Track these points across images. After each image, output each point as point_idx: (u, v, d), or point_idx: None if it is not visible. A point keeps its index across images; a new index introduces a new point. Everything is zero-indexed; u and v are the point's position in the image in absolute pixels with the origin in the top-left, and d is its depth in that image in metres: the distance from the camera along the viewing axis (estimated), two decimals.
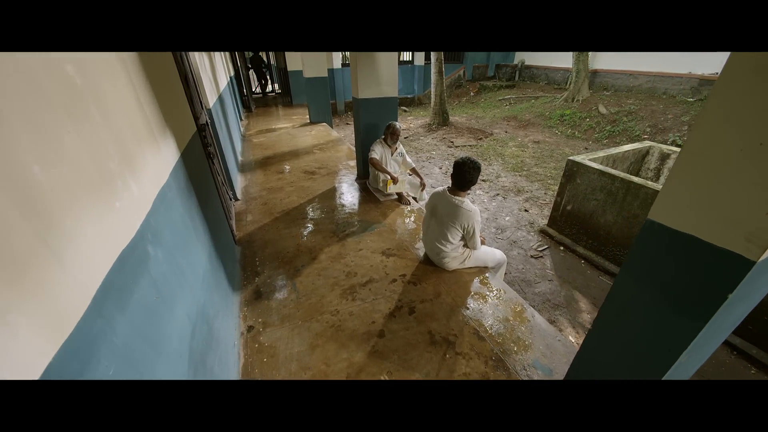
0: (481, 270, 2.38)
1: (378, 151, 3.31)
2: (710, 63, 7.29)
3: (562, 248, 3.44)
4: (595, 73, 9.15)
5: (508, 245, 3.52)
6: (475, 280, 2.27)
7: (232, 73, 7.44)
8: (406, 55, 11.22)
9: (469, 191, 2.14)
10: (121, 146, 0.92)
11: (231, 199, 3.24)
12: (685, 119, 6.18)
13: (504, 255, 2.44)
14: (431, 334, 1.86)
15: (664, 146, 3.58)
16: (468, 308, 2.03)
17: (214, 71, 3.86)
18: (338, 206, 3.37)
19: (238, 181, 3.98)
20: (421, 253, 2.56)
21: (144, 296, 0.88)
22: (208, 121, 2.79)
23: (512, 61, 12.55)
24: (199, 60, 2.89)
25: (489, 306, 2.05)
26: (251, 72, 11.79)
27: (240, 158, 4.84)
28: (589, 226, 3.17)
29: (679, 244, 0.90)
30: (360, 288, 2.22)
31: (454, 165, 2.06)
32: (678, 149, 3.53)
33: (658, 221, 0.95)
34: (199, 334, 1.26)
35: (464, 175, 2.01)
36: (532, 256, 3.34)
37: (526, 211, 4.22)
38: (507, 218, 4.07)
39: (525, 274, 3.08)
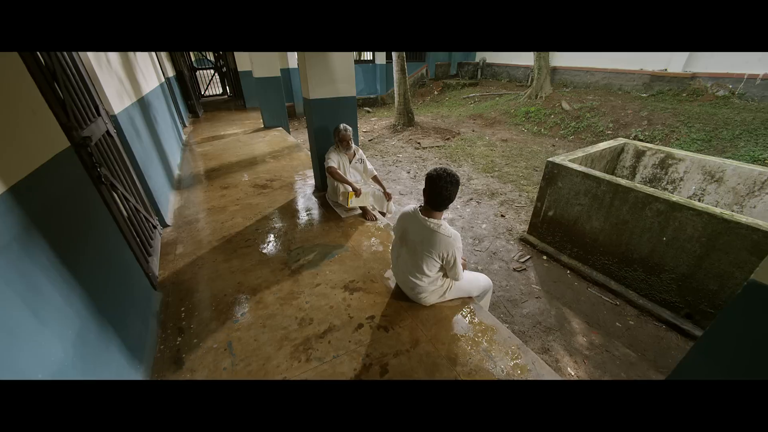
0: (465, 301, 1.98)
1: (334, 159, 2.83)
2: (659, 60, 7.57)
3: (545, 258, 3.16)
4: (554, 70, 9.26)
5: (487, 258, 3.18)
6: (458, 317, 1.87)
7: (171, 74, 6.60)
8: (367, 53, 10.78)
9: (447, 210, 1.72)
10: None
11: (155, 228, 2.61)
12: (644, 114, 6.28)
13: (489, 280, 2.06)
14: None
15: (638, 143, 3.42)
16: (454, 359, 1.62)
17: (130, 69, 3.17)
18: (292, 227, 2.84)
19: (171, 201, 3.32)
20: (392, 283, 2.13)
21: None
22: (112, 131, 2.17)
23: (474, 59, 12.54)
24: (96, 54, 2.24)
25: (479, 353, 1.65)
26: (201, 73, 10.79)
27: (177, 172, 4.14)
28: (573, 233, 2.90)
29: None
30: (317, 341, 1.73)
31: (426, 179, 1.63)
32: (651, 145, 3.38)
33: None
34: None
35: (440, 191, 1.59)
36: (515, 269, 3.02)
37: (502, 216, 3.93)
38: (483, 226, 3.75)
39: (510, 293, 2.74)
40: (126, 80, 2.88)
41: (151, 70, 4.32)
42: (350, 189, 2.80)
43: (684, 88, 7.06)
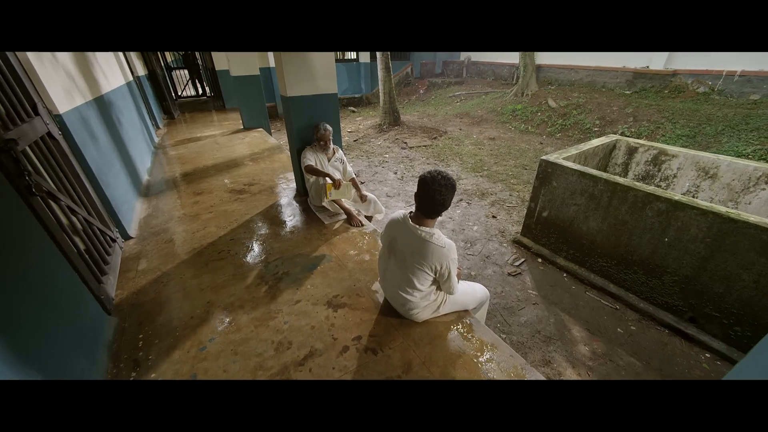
0: (460, 315, 1.80)
1: (311, 158, 2.65)
2: (641, 58, 7.63)
3: (540, 260, 3.02)
4: (539, 68, 9.25)
5: (480, 262, 3.02)
6: (454, 334, 1.68)
7: (143, 73, 6.21)
8: (351, 52, 10.55)
9: (440, 217, 1.54)
10: None
11: (114, 242, 2.33)
12: (629, 110, 6.28)
13: (486, 290, 1.89)
14: None
15: (631, 140, 3.33)
16: None
17: (85, 64, 2.87)
18: (270, 236, 2.61)
19: (136, 210, 3.02)
20: (381, 297, 1.93)
21: None
22: (55, 133, 1.89)
23: (459, 57, 12.48)
24: None
25: (479, 376, 1.47)
26: (178, 73, 10.32)
27: (146, 177, 3.83)
28: (569, 234, 2.77)
29: None
30: (295, 369, 1.52)
31: (419, 182, 1.44)
32: (644, 141, 3.30)
33: None
34: None
35: (433, 196, 1.40)
36: (509, 274, 2.87)
37: (494, 217, 3.79)
38: (475, 228, 3.60)
39: (506, 300, 2.59)
40: (79, 76, 2.58)
41: (114, 67, 3.99)
42: (329, 181, 2.60)
43: (666, 84, 7.13)
